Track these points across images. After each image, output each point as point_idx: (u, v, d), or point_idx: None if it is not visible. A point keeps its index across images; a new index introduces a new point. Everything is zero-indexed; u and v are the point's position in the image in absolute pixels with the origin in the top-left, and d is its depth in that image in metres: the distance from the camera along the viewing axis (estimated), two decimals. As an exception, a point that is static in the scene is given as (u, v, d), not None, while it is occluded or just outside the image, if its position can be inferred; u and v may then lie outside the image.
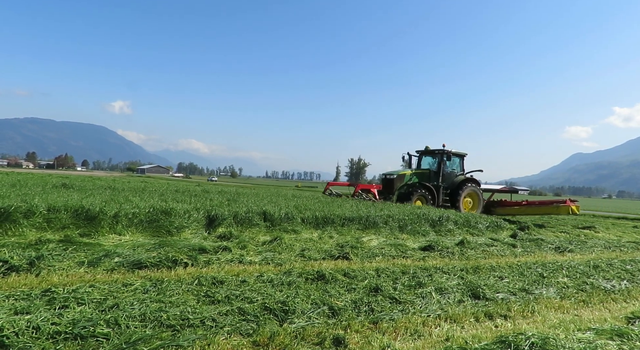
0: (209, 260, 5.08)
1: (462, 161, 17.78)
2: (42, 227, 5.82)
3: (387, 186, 16.47)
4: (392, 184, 16.26)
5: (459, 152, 17.53)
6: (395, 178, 16.46)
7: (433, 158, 17.40)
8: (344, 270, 4.81)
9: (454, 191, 16.37)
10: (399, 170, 16.89)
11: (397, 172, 16.61)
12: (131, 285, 3.69)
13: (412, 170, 16.76)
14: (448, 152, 16.78)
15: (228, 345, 2.65)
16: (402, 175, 16.44)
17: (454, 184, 16.64)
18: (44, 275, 3.98)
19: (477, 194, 16.80)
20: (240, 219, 7.60)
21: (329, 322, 3.23)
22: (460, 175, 17.22)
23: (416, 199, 15.43)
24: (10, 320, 2.60)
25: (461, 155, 17.73)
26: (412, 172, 16.60)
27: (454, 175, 17.04)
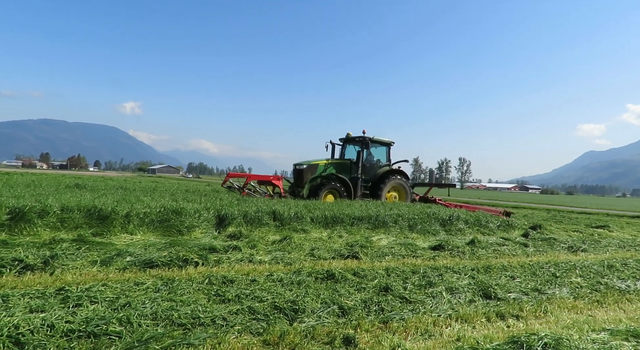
0: (219, 260, 5.11)
1: (388, 151, 15.67)
2: (56, 227, 5.91)
3: (297, 178, 14.24)
4: (302, 176, 14.05)
5: (383, 140, 15.43)
6: (305, 169, 14.13)
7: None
8: (354, 270, 4.80)
9: (376, 184, 14.48)
10: (311, 160, 14.50)
11: (308, 162, 14.32)
12: (143, 284, 3.73)
13: (328, 160, 14.56)
14: (369, 140, 14.74)
15: (238, 344, 2.67)
16: (314, 165, 14.19)
17: (376, 176, 14.73)
18: (58, 274, 4.04)
19: (404, 188, 14.97)
20: (249, 219, 7.63)
21: (338, 321, 3.23)
22: (385, 166, 15.29)
23: (326, 193, 13.37)
24: (26, 318, 2.64)
25: (386, 143, 15.59)
26: (329, 162, 14.45)
27: (378, 167, 15.19)
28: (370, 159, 15.20)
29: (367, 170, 14.86)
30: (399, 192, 15.06)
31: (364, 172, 14.72)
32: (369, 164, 15.06)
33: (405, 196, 14.99)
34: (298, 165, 14.36)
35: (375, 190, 14.34)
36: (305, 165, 14.20)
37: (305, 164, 14.29)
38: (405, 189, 15.00)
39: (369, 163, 15.07)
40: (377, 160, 15.44)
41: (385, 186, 14.38)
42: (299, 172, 14.17)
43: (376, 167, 15.14)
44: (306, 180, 13.85)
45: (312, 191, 13.19)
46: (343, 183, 13.80)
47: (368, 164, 15.02)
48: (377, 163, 15.33)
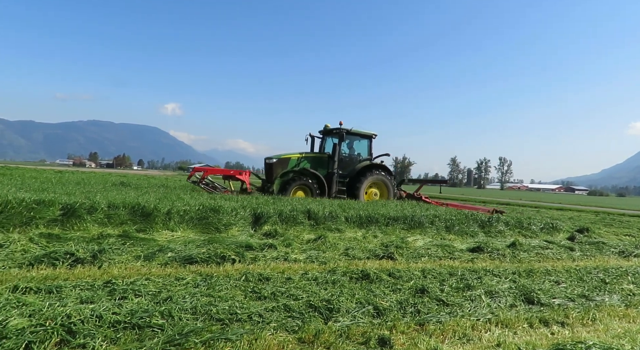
0: (255, 257, 5.20)
1: (369, 144, 14.50)
2: (103, 223, 6.24)
3: (268, 173, 13.29)
4: (272, 171, 13.06)
5: (362, 132, 14.24)
6: (274, 163, 13.11)
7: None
8: (389, 270, 4.75)
9: (354, 180, 13.40)
10: (282, 154, 13.53)
11: (279, 156, 13.29)
12: (183, 280, 3.86)
13: (302, 154, 13.51)
14: (345, 132, 13.62)
15: (274, 340, 2.70)
16: (285, 159, 13.21)
17: (354, 171, 13.58)
18: (105, 267, 4.26)
19: (386, 184, 13.77)
20: (285, 217, 7.72)
21: (374, 322, 3.21)
22: (366, 160, 14.19)
23: (295, 189, 12.44)
24: (77, 308, 2.80)
25: (367, 136, 14.40)
26: (302, 156, 13.41)
27: (358, 161, 14.11)
28: (352, 153, 14.22)
29: (346, 166, 13.84)
30: (381, 188, 13.90)
31: (342, 167, 13.68)
32: (348, 158, 14.00)
33: (387, 193, 13.78)
34: (268, 159, 13.29)
35: (353, 187, 13.28)
36: (275, 159, 13.16)
37: (275, 157, 13.24)
38: (388, 185, 13.79)
39: (348, 157, 14.01)
40: (358, 155, 14.32)
41: (364, 182, 13.27)
42: (269, 167, 13.15)
43: (356, 161, 14.03)
44: (276, 175, 12.96)
45: (281, 187, 12.38)
46: (316, 179, 12.76)
47: (347, 159, 13.96)
48: (357, 157, 14.22)
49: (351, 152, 14.35)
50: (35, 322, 2.55)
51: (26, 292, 3.18)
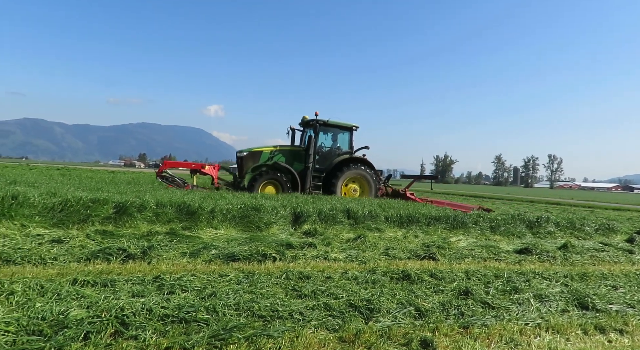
0: (296, 256, 5.26)
1: (350, 137, 13.63)
2: (152, 220, 6.54)
3: (239, 168, 12.75)
4: (243, 165, 12.57)
5: (341, 124, 13.38)
6: (245, 156, 12.59)
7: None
8: (431, 271, 4.65)
9: (331, 175, 12.63)
10: (253, 147, 12.97)
11: (250, 149, 12.78)
12: (226, 276, 3.97)
13: (276, 147, 12.91)
14: (321, 123, 12.84)
15: (315, 339, 2.72)
16: (257, 152, 12.62)
17: (331, 166, 12.77)
18: (154, 263, 4.47)
19: (367, 179, 12.86)
20: (324, 216, 7.75)
21: (415, 323, 3.15)
22: (345, 154, 13.32)
23: (264, 184, 11.85)
24: (129, 301, 2.96)
25: (347, 127, 13.51)
26: (276, 149, 12.80)
27: (336, 155, 13.30)
28: (333, 147, 13.54)
29: (326, 160, 13.11)
30: (361, 184, 13.02)
31: (321, 161, 13.03)
32: (328, 152, 13.26)
33: (368, 189, 12.89)
34: (239, 153, 12.79)
35: (329, 182, 12.54)
36: (246, 153, 12.65)
37: (246, 151, 12.73)
38: (369, 180, 12.89)
39: (328, 151, 13.28)
40: (338, 148, 13.60)
41: (340, 177, 12.49)
42: (239, 161, 12.64)
43: (334, 155, 13.26)
44: (247, 169, 12.52)
45: (249, 182, 11.94)
46: (288, 173, 12.16)
47: (327, 153, 13.25)
48: (336, 151, 13.49)
49: (333, 146, 13.66)
50: (92, 313, 2.72)
51: (84, 285, 3.40)
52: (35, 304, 2.81)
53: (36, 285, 3.21)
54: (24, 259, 4.18)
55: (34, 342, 2.31)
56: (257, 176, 11.86)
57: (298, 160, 12.90)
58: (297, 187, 12.27)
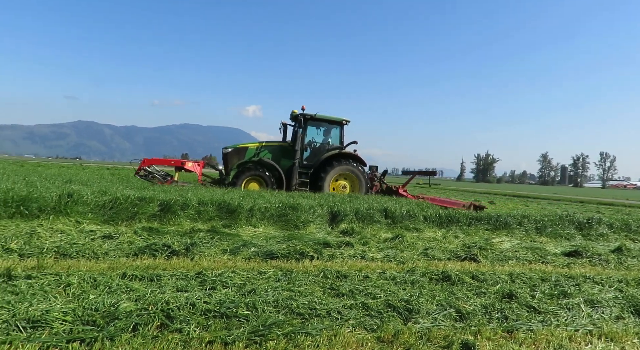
0: (333, 255, 5.27)
1: (341, 132, 13.17)
2: (194, 218, 6.78)
3: (225, 164, 12.63)
4: (228, 162, 12.40)
5: (330, 118, 12.90)
6: (230, 153, 12.42)
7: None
8: (472, 273, 4.51)
9: (318, 171, 12.27)
10: (239, 143, 12.84)
11: (235, 145, 12.67)
12: (265, 274, 4.05)
13: (262, 143, 12.68)
14: (309, 118, 12.46)
15: (353, 338, 2.72)
16: (242, 148, 12.45)
17: (319, 162, 12.38)
18: (196, 259, 4.62)
19: (357, 176, 12.44)
20: (361, 216, 7.73)
21: (456, 325, 3.07)
22: (334, 149, 12.87)
23: (247, 180, 11.66)
24: (174, 296, 3.08)
25: (336, 122, 13.02)
26: (262, 145, 12.57)
27: (325, 150, 12.89)
28: (324, 142, 13.21)
29: (314, 156, 12.80)
30: (352, 181, 12.62)
31: (310, 157, 12.76)
32: (316, 147, 12.98)
33: (359, 186, 12.46)
34: (224, 149, 12.69)
35: (317, 179, 12.20)
36: (231, 149, 12.52)
37: (231, 147, 12.61)
38: (359, 177, 12.48)
39: (318, 147, 13.00)
40: (327, 144, 13.26)
41: (329, 173, 12.14)
42: (224, 157, 12.51)
43: (324, 151, 12.92)
44: (232, 166, 12.29)
45: (232, 178, 11.83)
46: (273, 170, 11.94)
47: (316, 148, 12.96)
48: (325, 147, 13.14)
49: (324, 141, 13.33)
50: (140, 306, 2.85)
51: (132, 279, 3.57)
52: (89, 296, 2.99)
53: (90, 278, 3.41)
54: (78, 253, 4.46)
55: (88, 331, 2.46)
56: (239, 172, 11.73)
57: (286, 156, 12.66)
58: (282, 184, 12.07)
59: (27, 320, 2.50)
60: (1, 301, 2.75)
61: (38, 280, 3.28)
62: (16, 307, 2.65)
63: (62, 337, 2.36)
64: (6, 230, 5.17)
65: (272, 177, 11.88)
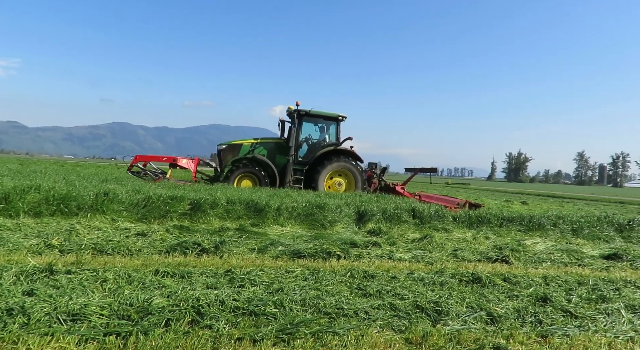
0: (360, 255, 5.25)
1: (337, 128, 12.90)
2: (223, 217, 6.91)
3: (219, 161, 12.57)
4: (222, 159, 12.37)
5: (325, 114, 12.69)
6: (224, 149, 12.43)
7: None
8: (504, 275, 4.39)
9: (313, 168, 12.07)
10: (233, 140, 12.77)
11: (229, 142, 12.63)
12: (292, 272, 4.07)
13: (257, 140, 12.60)
14: (304, 114, 12.33)
15: (381, 338, 2.70)
16: (236, 145, 12.43)
17: (313, 158, 12.20)
18: (225, 257, 4.71)
19: (353, 173, 12.21)
20: (388, 216, 7.66)
21: (487, 328, 2.99)
22: (330, 146, 12.63)
23: (240, 177, 11.59)
24: (204, 293, 3.15)
25: (332, 118, 12.80)
26: (257, 142, 12.49)
27: (320, 147, 12.63)
28: (321, 138, 13.03)
29: (311, 153, 12.61)
30: (347, 178, 12.41)
31: (307, 154, 12.59)
32: (313, 144, 12.79)
33: (355, 183, 12.24)
34: (219, 146, 12.71)
35: (311, 176, 12.03)
36: (225, 146, 12.52)
37: (225, 144, 12.60)
38: (355, 174, 12.26)
39: (313, 143, 12.80)
40: (323, 140, 13.04)
41: (323, 170, 11.93)
42: (219, 154, 12.54)
43: (318, 147, 12.69)
44: (226, 163, 12.21)
45: (225, 175, 11.76)
46: (267, 167, 11.82)
47: (312, 145, 12.76)
48: (321, 143, 12.92)
49: (321, 138, 13.14)
50: (172, 302, 2.93)
51: (164, 275, 3.68)
52: (124, 291, 3.10)
53: (124, 274, 3.54)
54: (114, 250, 4.63)
55: (124, 325, 2.55)
56: (232, 169, 11.68)
57: (282, 153, 12.56)
58: (275, 181, 11.99)
59: (67, 314, 2.62)
60: (44, 294, 2.90)
61: (77, 275, 3.43)
62: (57, 301, 2.78)
63: (99, 331, 2.46)
64: (48, 227, 5.44)
65: (265, 174, 11.84)
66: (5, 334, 2.32)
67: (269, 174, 11.93)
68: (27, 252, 4.28)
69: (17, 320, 2.47)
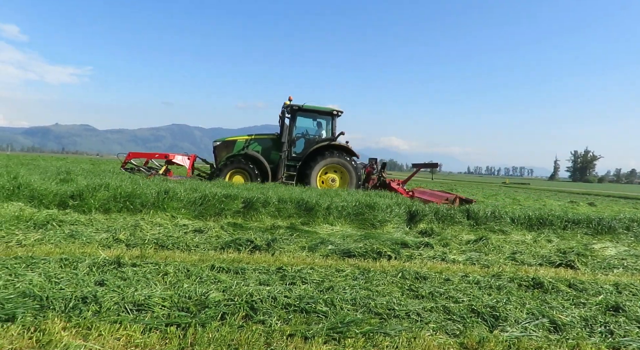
0: (411, 255, 5.15)
1: (332, 123, 12.66)
2: (274, 215, 7.06)
3: (215, 158, 12.65)
4: (217, 155, 12.48)
5: (319, 108, 12.54)
6: (218, 146, 12.53)
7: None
8: (569, 281, 4.11)
9: (305, 163, 11.94)
10: (227, 136, 12.88)
11: (223, 139, 12.75)
12: (342, 271, 4.08)
13: (251, 136, 12.61)
14: (298, 108, 12.21)
15: (434, 342, 2.63)
16: (231, 142, 12.48)
17: (306, 153, 12.07)
18: (277, 255, 4.81)
19: (348, 169, 11.93)
20: (441, 216, 7.45)
21: (550, 337, 2.81)
22: (324, 141, 12.38)
23: (231, 173, 11.59)
24: (257, 289, 3.25)
25: (326, 112, 12.60)
26: (252, 138, 12.50)
27: (315, 142, 12.40)
28: (317, 134, 12.89)
29: (306, 148, 12.50)
30: (342, 174, 12.18)
31: (304, 150, 12.47)
32: (309, 140, 12.66)
33: (349, 180, 11.98)
34: (214, 142, 12.84)
35: (304, 172, 11.94)
36: (220, 142, 12.64)
37: (220, 140, 12.73)
38: (350, 170, 12.00)
39: (310, 139, 12.67)
40: (319, 136, 12.91)
41: (315, 166, 11.80)
42: (214, 151, 12.67)
43: (313, 143, 12.53)
44: (220, 159, 12.24)
45: (216, 171, 11.86)
46: (258, 162, 11.80)
47: (308, 140, 12.65)
48: (315, 138, 12.77)
49: (317, 133, 13.01)
50: (227, 296, 3.05)
51: (220, 271, 3.83)
52: (183, 285, 3.27)
53: (183, 268, 3.73)
54: (174, 245, 4.90)
55: (183, 317, 2.69)
56: (223, 165, 11.80)
57: (277, 149, 12.52)
58: (267, 177, 11.92)
59: (133, 303, 2.81)
60: (113, 285, 3.13)
61: (141, 268, 3.66)
62: (124, 291, 3.00)
63: (162, 321, 2.62)
64: (116, 222, 5.86)
65: (257, 170, 11.85)
66: (81, 320, 2.53)
67: (262, 169, 12.01)
68: (98, 245, 4.64)
69: (91, 308, 2.69)
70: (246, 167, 11.78)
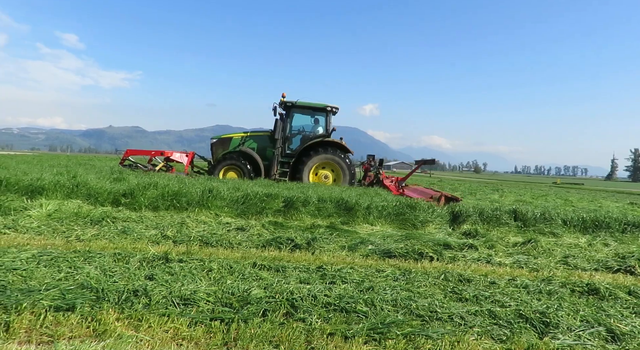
0: (454, 257, 5.00)
1: (326, 119, 12.67)
2: (314, 214, 7.11)
3: (212, 155, 12.82)
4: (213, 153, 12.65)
5: (313, 105, 12.61)
6: (215, 143, 12.68)
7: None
8: (628, 288, 3.83)
9: (298, 160, 12.03)
10: (223, 134, 12.97)
11: (219, 136, 12.84)
12: (383, 272, 4.03)
13: (247, 133, 12.76)
14: (291, 105, 12.38)
15: (479, 347, 2.54)
16: (227, 139, 12.59)
17: (299, 150, 12.13)
18: (317, 254, 4.84)
19: (341, 165, 11.98)
20: (486, 217, 7.19)
21: (607, 347, 2.64)
22: (318, 137, 12.39)
23: (225, 170, 11.85)
24: (297, 287, 3.29)
25: (320, 109, 12.63)
26: (247, 135, 12.66)
27: (308, 139, 12.40)
28: (314, 130, 12.85)
29: (301, 145, 12.51)
30: (335, 170, 12.21)
31: (299, 147, 12.49)
32: (303, 136, 12.71)
33: (342, 176, 12.03)
34: (211, 140, 13.06)
35: (297, 168, 12.02)
36: (216, 140, 12.82)
37: (216, 138, 12.92)
38: (343, 167, 12.03)
39: (305, 136, 12.71)
40: (314, 132, 12.88)
41: (308, 162, 11.85)
42: (211, 148, 12.88)
43: (307, 139, 12.52)
44: (217, 157, 12.47)
45: (210, 167, 12.26)
46: (251, 159, 11.97)
47: (303, 137, 12.69)
48: (310, 135, 12.75)
49: (313, 129, 12.99)
50: (269, 294, 3.11)
51: (261, 268, 3.91)
52: (226, 281, 3.37)
53: (227, 265, 3.84)
54: (217, 242, 5.05)
55: (227, 312, 2.77)
56: (217, 162, 12.11)
57: (273, 145, 12.56)
58: (260, 173, 11.98)
59: (180, 298, 2.93)
60: (161, 279, 3.28)
61: (187, 264, 3.81)
62: (172, 286, 3.13)
63: (206, 315, 2.71)
64: (164, 219, 6.13)
65: (249, 167, 11.99)
66: (133, 312, 2.67)
67: (255, 166, 12.15)
68: (147, 241, 4.88)
69: (141, 301, 2.84)
70: (239, 163, 12.04)
